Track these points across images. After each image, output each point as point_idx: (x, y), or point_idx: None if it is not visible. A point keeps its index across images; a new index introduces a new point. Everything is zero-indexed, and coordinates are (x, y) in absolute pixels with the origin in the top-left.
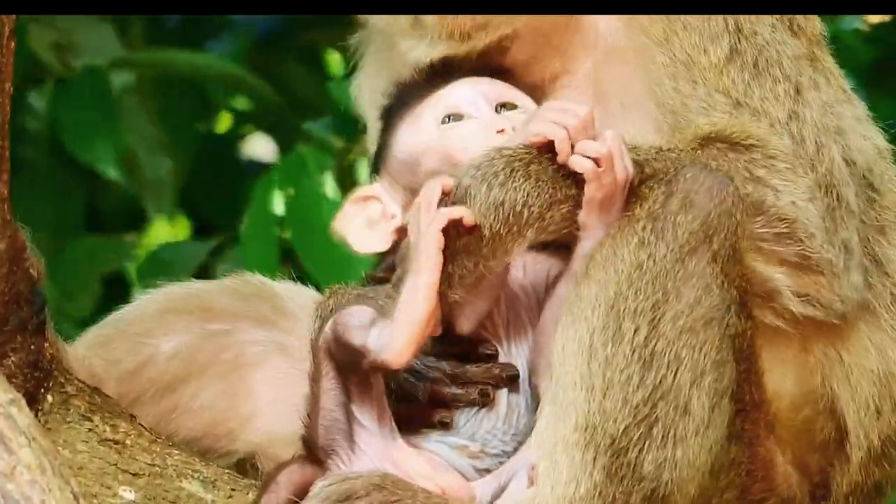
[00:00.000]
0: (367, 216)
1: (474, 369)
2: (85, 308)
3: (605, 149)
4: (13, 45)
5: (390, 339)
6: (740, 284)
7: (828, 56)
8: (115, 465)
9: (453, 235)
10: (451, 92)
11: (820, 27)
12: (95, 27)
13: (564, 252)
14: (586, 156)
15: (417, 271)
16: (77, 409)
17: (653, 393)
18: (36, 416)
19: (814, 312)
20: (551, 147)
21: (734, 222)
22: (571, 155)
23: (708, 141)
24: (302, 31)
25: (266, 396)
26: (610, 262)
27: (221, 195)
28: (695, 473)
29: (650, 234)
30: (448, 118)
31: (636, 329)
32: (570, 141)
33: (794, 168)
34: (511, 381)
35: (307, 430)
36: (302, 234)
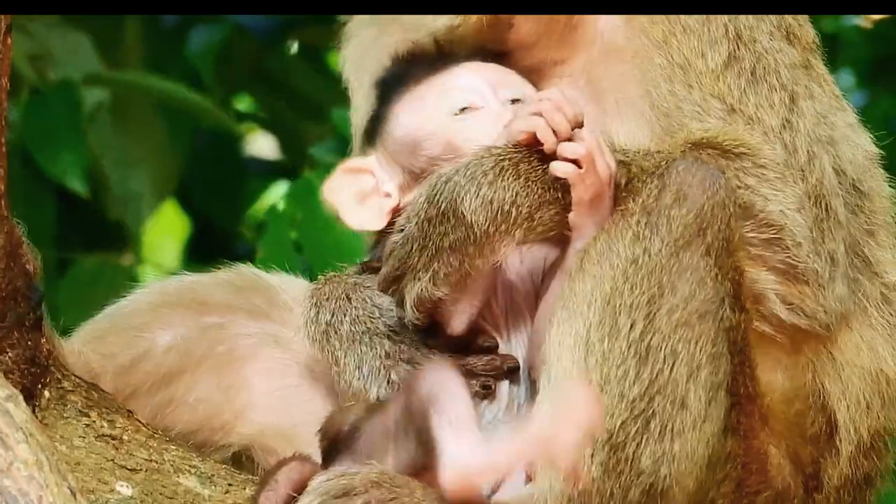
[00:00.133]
0: (358, 188)
1: (475, 362)
2: None
3: (582, 149)
4: (9, 41)
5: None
6: (734, 277)
7: (821, 63)
8: (112, 460)
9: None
10: (459, 79)
11: (813, 34)
12: (71, 37)
13: (561, 238)
14: (566, 159)
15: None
16: (74, 404)
17: (649, 387)
18: (33, 411)
19: (798, 321)
20: (539, 142)
21: (727, 214)
22: (557, 142)
23: (699, 146)
24: (300, 29)
25: (261, 388)
26: (605, 257)
27: (222, 194)
28: (692, 467)
29: (644, 228)
30: (456, 108)
31: (632, 324)
32: (551, 127)
33: (784, 178)
34: (512, 373)
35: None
36: (317, 257)
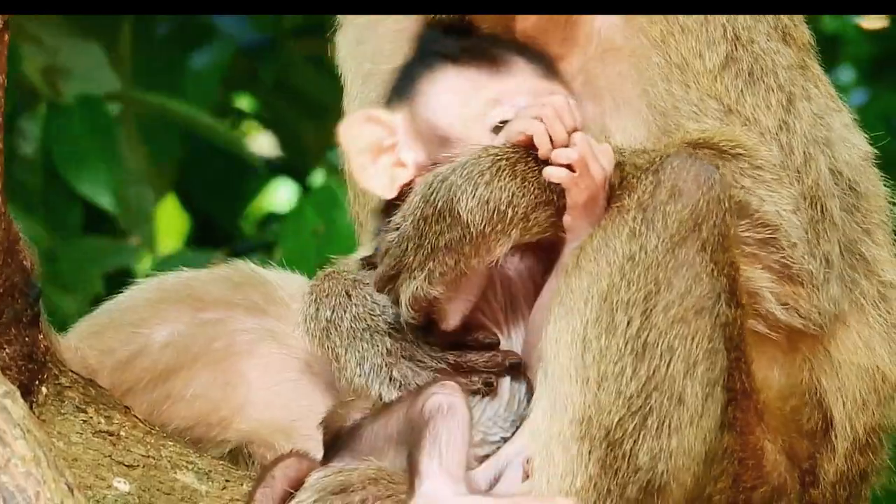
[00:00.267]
0: (375, 140)
1: (476, 358)
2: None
3: (575, 154)
4: (6, 37)
5: None
6: (729, 273)
7: (816, 63)
8: (109, 456)
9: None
10: (508, 90)
11: (808, 34)
12: (85, 50)
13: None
14: (560, 164)
15: None
16: (71, 400)
17: (646, 384)
18: (30, 407)
19: (793, 320)
20: (535, 146)
21: (722, 209)
22: (552, 148)
23: (696, 147)
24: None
25: (258, 384)
26: (602, 254)
27: (223, 194)
28: (690, 463)
29: (641, 225)
30: (497, 121)
31: (629, 320)
32: (547, 133)
33: (780, 179)
34: (513, 369)
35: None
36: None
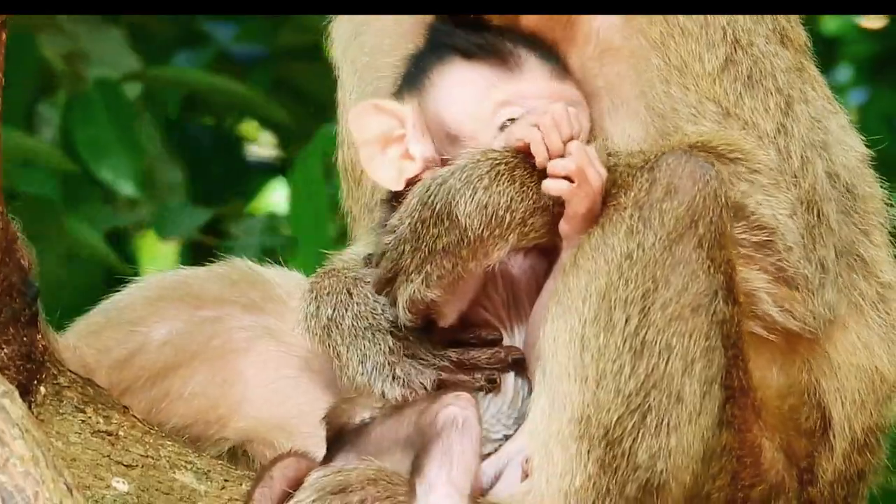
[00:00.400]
0: (385, 131)
1: (479, 355)
2: None
3: (573, 164)
4: (4, 36)
5: None
6: (726, 270)
7: (813, 65)
8: (108, 456)
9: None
10: (520, 91)
11: (805, 36)
12: (106, 35)
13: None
14: (557, 175)
15: None
16: (70, 400)
17: (645, 382)
18: (29, 407)
19: (789, 323)
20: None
21: (719, 205)
22: (548, 158)
23: (693, 149)
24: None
25: (256, 382)
26: (599, 252)
27: (227, 193)
28: (688, 461)
29: (638, 223)
30: (507, 121)
31: (627, 318)
32: (545, 142)
33: (778, 183)
34: (517, 365)
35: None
36: None
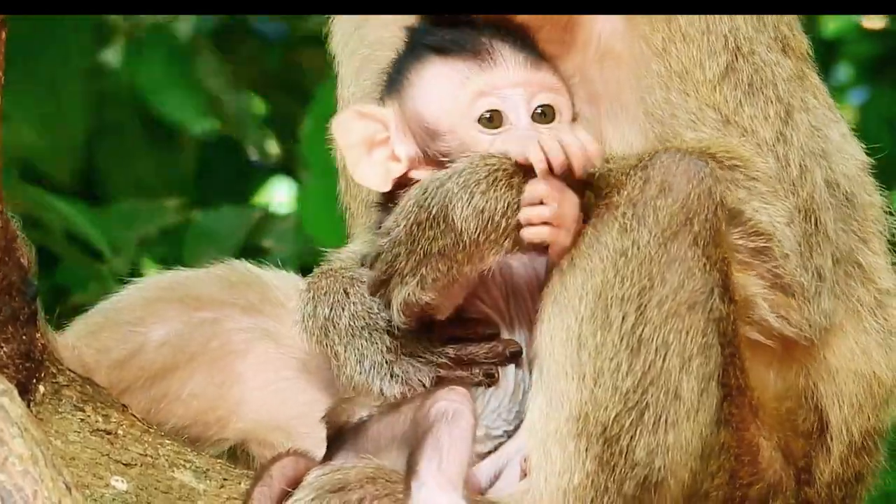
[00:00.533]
0: (369, 135)
1: (477, 350)
2: None
3: (548, 211)
4: (3, 35)
5: None
6: (722, 268)
7: (814, 73)
8: (107, 455)
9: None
10: (494, 82)
11: (807, 44)
12: None
13: None
14: (536, 224)
15: None
16: (69, 399)
17: (642, 379)
18: (28, 406)
19: (785, 329)
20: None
21: (713, 203)
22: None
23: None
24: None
25: (255, 383)
26: (594, 250)
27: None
28: (687, 458)
29: (631, 220)
30: (484, 113)
31: (623, 316)
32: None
33: (776, 191)
34: (515, 358)
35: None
36: None
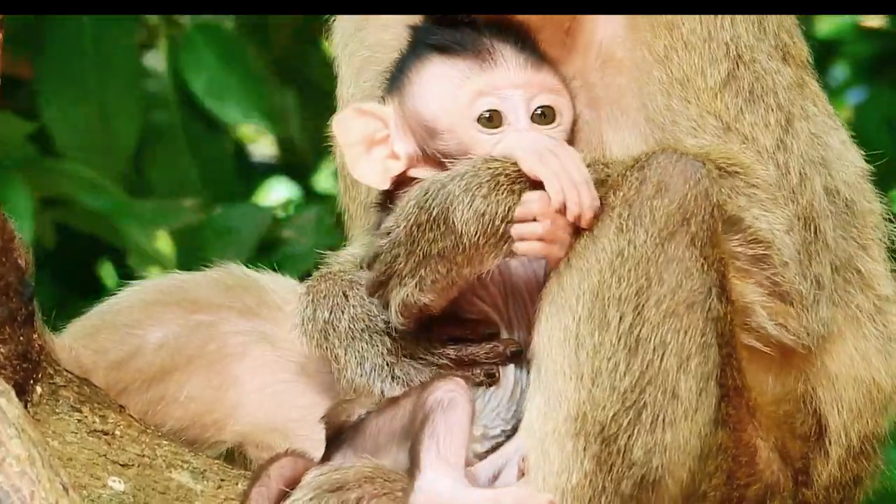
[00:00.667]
0: (368, 133)
1: (477, 350)
2: None
3: (541, 228)
4: (1, 35)
5: None
6: (719, 268)
7: (814, 81)
8: (104, 455)
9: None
10: (494, 82)
11: (807, 51)
12: None
13: None
14: (529, 239)
15: None
16: (66, 399)
17: (640, 378)
18: (25, 407)
19: (783, 337)
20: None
21: (710, 204)
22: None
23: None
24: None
25: (252, 386)
26: (590, 251)
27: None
28: (685, 458)
29: (627, 220)
30: (483, 112)
31: (621, 316)
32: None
33: (776, 199)
34: (515, 357)
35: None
36: None
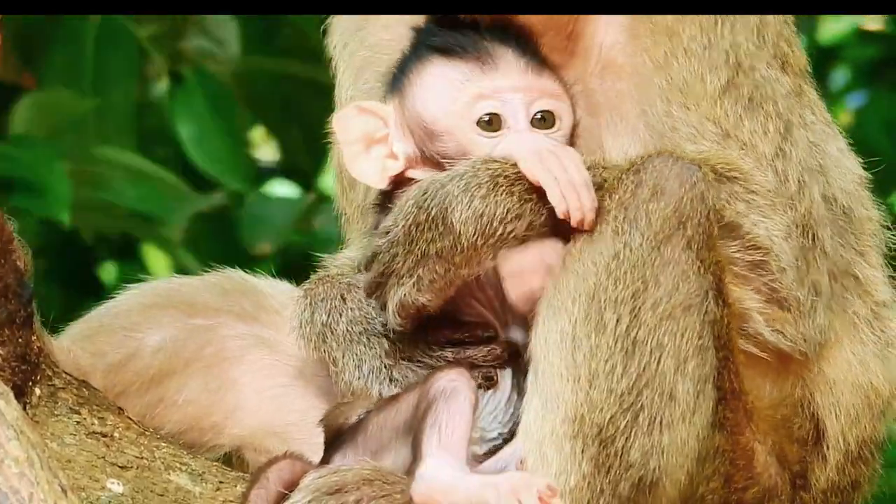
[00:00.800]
0: (368, 131)
1: (476, 353)
2: None
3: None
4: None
5: None
6: (715, 271)
7: (812, 89)
8: (103, 457)
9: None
10: (494, 85)
11: (805, 60)
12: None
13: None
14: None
15: None
16: (65, 402)
17: (637, 380)
18: (24, 409)
19: (780, 343)
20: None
21: (707, 207)
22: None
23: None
24: None
25: (250, 389)
26: (587, 254)
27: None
28: (683, 460)
29: (623, 223)
30: (482, 116)
31: (618, 318)
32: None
33: (774, 205)
34: (513, 359)
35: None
36: None
